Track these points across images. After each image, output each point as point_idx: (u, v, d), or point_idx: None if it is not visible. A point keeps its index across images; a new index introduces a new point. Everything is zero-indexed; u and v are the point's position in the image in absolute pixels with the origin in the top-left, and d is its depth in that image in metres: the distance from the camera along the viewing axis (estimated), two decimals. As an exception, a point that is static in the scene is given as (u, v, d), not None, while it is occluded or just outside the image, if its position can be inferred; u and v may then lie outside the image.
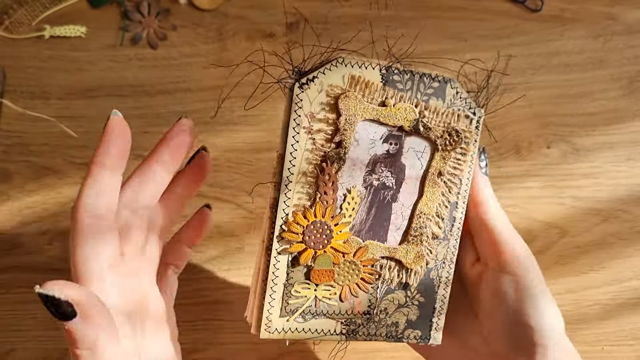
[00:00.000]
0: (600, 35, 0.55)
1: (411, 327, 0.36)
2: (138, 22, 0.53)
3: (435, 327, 0.37)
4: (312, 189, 0.33)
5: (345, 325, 0.35)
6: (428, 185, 0.35)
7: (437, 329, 0.37)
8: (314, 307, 0.34)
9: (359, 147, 0.33)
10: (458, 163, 0.35)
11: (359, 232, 0.34)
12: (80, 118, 0.52)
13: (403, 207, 0.35)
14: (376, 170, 0.34)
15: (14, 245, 0.49)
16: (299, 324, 0.34)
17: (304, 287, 0.34)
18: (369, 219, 0.34)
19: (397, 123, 0.33)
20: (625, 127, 0.54)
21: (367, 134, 0.33)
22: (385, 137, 0.34)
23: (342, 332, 0.35)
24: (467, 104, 0.35)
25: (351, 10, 0.54)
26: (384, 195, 0.35)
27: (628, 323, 0.50)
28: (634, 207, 0.52)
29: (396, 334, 0.36)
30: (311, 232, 0.33)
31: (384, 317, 0.36)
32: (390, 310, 0.36)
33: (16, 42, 0.53)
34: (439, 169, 0.35)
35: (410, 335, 0.37)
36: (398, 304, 0.36)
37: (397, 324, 0.36)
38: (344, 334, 0.35)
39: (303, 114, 0.32)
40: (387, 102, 0.33)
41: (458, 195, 0.36)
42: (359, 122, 0.33)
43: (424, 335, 0.37)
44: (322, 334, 0.35)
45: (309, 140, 0.32)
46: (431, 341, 0.37)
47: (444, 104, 0.34)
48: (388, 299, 0.36)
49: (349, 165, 0.33)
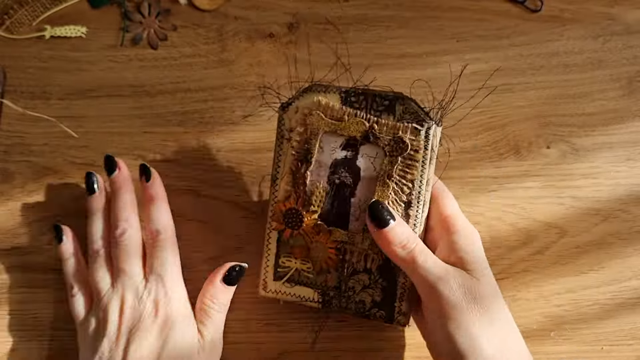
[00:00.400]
0: (599, 36, 0.55)
1: (376, 306, 0.44)
2: (138, 22, 0.54)
3: (398, 311, 0.44)
4: (289, 185, 0.43)
5: (321, 295, 0.44)
6: (379, 185, 0.42)
7: (400, 313, 0.44)
8: (296, 276, 0.44)
9: (323, 153, 0.43)
10: (408, 167, 0.42)
11: (325, 220, 0.43)
12: (81, 118, 0.52)
13: (360, 202, 0.43)
14: (337, 171, 0.43)
15: (15, 245, 0.49)
16: (287, 289, 0.45)
17: (287, 259, 0.44)
18: (333, 210, 0.44)
19: (351, 134, 0.42)
20: (624, 127, 0.54)
21: (329, 143, 0.43)
22: (344, 145, 0.43)
23: (319, 301, 0.44)
24: (415, 118, 0.42)
25: (351, 10, 0.55)
26: (344, 192, 0.44)
27: (627, 323, 0.51)
28: (633, 207, 0.52)
29: (364, 311, 0.44)
30: (288, 217, 0.43)
31: (352, 294, 0.44)
32: (357, 289, 0.44)
33: (17, 42, 0.53)
34: (388, 171, 0.42)
35: (377, 314, 0.44)
36: (363, 284, 0.44)
37: (364, 302, 0.44)
38: (320, 302, 0.44)
39: (285, 129, 0.44)
40: (343, 118, 0.42)
41: (411, 196, 0.42)
42: (321, 133, 0.43)
43: (389, 317, 0.44)
44: (304, 300, 0.45)
45: (290, 148, 0.43)
46: (395, 323, 0.44)
47: (394, 118, 0.42)
48: (354, 279, 0.44)
49: (316, 167, 0.43)
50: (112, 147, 0.51)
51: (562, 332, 0.50)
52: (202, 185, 0.51)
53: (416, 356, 0.50)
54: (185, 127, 0.52)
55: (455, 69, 0.54)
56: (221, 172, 0.51)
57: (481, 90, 0.54)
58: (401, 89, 0.52)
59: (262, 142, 0.52)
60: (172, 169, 0.51)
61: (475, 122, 0.53)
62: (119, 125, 0.52)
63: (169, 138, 0.52)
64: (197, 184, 0.51)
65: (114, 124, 0.52)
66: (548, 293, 0.51)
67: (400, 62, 0.54)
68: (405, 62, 0.54)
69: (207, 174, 0.51)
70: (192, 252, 0.50)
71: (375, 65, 0.53)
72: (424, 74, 0.53)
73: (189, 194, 0.51)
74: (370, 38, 0.54)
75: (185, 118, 0.52)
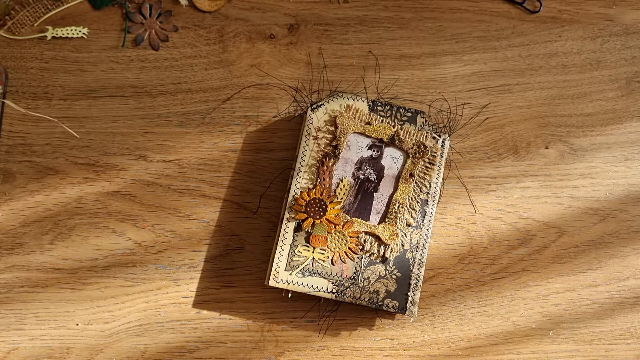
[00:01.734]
0: (598, 37, 0.56)
1: (390, 297, 0.46)
2: (140, 23, 0.54)
3: (411, 301, 0.46)
4: (314, 176, 0.47)
5: (335, 285, 0.46)
6: (402, 182, 0.48)
7: (413, 303, 0.46)
8: (311, 266, 0.46)
9: (350, 150, 0.48)
10: (427, 169, 0.48)
11: (347, 211, 0.47)
12: (83, 118, 0.52)
13: (382, 197, 0.48)
14: (362, 168, 0.48)
15: (16, 245, 0.50)
16: (299, 279, 0.46)
17: (305, 248, 0.46)
18: (356, 203, 0.48)
19: (379, 136, 0.48)
20: (622, 127, 0.54)
21: (357, 142, 0.48)
22: (370, 145, 0.49)
23: (332, 291, 0.46)
24: (433, 129, 0.49)
25: (351, 11, 0.55)
26: (367, 187, 0.48)
27: (625, 322, 0.51)
28: (631, 207, 0.52)
29: (377, 301, 0.46)
30: (311, 206, 0.46)
31: (367, 285, 0.46)
32: (373, 279, 0.46)
33: (19, 43, 0.53)
34: (410, 170, 0.48)
35: (390, 305, 0.46)
36: (379, 275, 0.46)
37: (378, 292, 0.46)
38: (334, 292, 0.46)
39: (312, 127, 0.49)
40: (371, 122, 0.49)
41: (428, 194, 0.48)
42: (350, 133, 0.48)
43: (401, 306, 0.46)
44: (317, 290, 0.46)
45: (315, 144, 0.48)
46: (407, 312, 0.46)
47: (416, 128, 0.49)
48: (370, 269, 0.46)
49: (342, 162, 0.48)
50: (114, 147, 0.51)
51: (561, 331, 0.50)
52: (202, 185, 0.51)
53: (416, 355, 0.50)
54: (186, 127, 0.52)
55: (454, 69, 0.54)
56: (221, 172, 0.52)
57: (480, 91, 0.54)
58: (401, 89, 0.52)
59: (262, 142, 0.52)
60: (172, 169, 0.51)
61: (474, 123, 0.53)
62: (120, 125, 0.52)
63: (170, 138, 0.52)
64: (197, 184, 0.51)
65: (116, 124, 0.52)
66: (546, 292, 0.51)
67: (400, 62, 0.54)
68: (404, 62, 0.54)
69: (208, 174, 0.51)
70: (193, 252, 0.50)
71: (375, 65, 0.54)
72: (424, 75, 0.54)
73: (189, 194, 0.51)
74: (370, 39, 0.54)
75: (186, 118, 0.52)
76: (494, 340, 0.50)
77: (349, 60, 0.54)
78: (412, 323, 0.50)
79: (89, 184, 0.51)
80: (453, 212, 0.52)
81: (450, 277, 0.51)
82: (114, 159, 0.51)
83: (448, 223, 0.51)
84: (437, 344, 0.50)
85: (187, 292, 0.49)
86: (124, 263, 0.50)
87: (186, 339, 0.49)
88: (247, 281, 0.49)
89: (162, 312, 0.49)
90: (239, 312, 0.49)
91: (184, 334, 0.49)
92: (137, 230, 0.50)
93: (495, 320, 0.50)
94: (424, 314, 0.50)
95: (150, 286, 0.49)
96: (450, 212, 0.52)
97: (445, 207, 0.52)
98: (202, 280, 0.50)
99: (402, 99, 0.53)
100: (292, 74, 0.53)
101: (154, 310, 0.49)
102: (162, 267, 0.50)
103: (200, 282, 0.49)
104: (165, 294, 0.49)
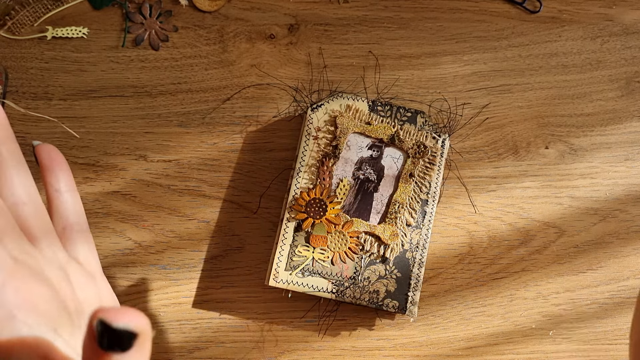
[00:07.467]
0: (598, 36, 0.56)
1: (390, 297, 0.46)
2: (140, 23, 0.54)
3: (411, 301, 0.46)
4: (314, 176, 0.47)
5: (335, 285, 0.46)
6: (402, 182, 0.48)
7: (413, 303, 0.47)
8: (311, 266, 0.46)
9: (350, 150, 0.48)
10: (427, 169, 0.48)
11: (347, 211, 0.47)
12: (83, 119, 0.52)
13: (382, 197, 0.48)
14: (362, 168, 0.48)
15: (17, 245, 0.50)
16: (299, 279, 0.46)
17: (305, 248, 0.46)
18: (356, 203, 0.48)
19: (379, 136, 0.48)
20: (622, 127, 0.54)
21: (357, 142, 0.48)
22: (370, 145, 0.48)
23: (332, 291, 0.46)
24: (433, 129, 0.49)
25: (351, 11, 0.55)
26: (367, 187, 0.48)
27: (626, 322, 0.51)
28: (631, 207, 0.53)
29: (377, 301, 0.46)
30: (311, 206, 0.46)
31: (367, 285, 0.46)
32: (373, 279, 0.46)
33: (18, 43, 0.53)
34: (410, 171, 0.48)
35: (389, 305, 0.46)
36: (379, 275, 0.46)
37: (378, 292, 0.46)
38: (334, 292, 0.46)
39: (312, 127, 0.48)
40: (371, 122, 0.48)
41: (428, 194, 0.48)
42: (350, 133, 0.48)
43: (401, 306, 0.46)
44: (317, 290, 0.46)
45: (315, 144, 0.48)
46: (407, 312, 0.46)
47: (416, 128, 0.49)
48: (370, 269, 0.46)
49: (342, 162, 0.48)
50: (114, 147, 0.51)
51: (561, 331, 0.50)
52: (202, 185, 0.51)
53: (416, 355, 0.50)
54: (187, 127, 0.52)
55: (454, 69, 0.54)
56: (221, 172, 0.52)
57: (480, 91, 0.54)
58: (401, 89, 0.52)
59: (262, 142, 0.52)
60: (172, 169, 0.51)
61: (474, 123, 0.53)
62: (120, 125, 0.52)
63: (170, 138, 0.52)
64: (197, 184, 0.51)
65: (116, 124, 0.52)
66: (546, 292, 0.51)
67: (400, 62, 0.54)
68: (404, 62, 0.54)
69: (208, 174, 0.52)
70: (193, 252, 0.50)
71: (375, 66, 0.54)
72: (424, 75, 0.54)
73: (189, 194, 0.51)
74: (370, 39, 0.54)
75: (186, 118, 0.52)
76: (494, 340, 0.50)
77: (349, 60, 0.54)
78: (412, 323, 0.50)
79: (89, 184, 0.51)
80: (453, 212, 0.52)
81: (450, 277, 0.51)
82: (114, 159, 0.51)
83: (448, 223, 0.52)
84: (437, 344, 0.50)
85: (187, 292, 0.49)
86: (124, 263, 0.50)
87: (186, 339, 0.49)
88: (247, 281, 0.49)
89: (162, 312, 0.49)
90: (239, 312, 0.49)
91: (184, 334, 0.49)
92: (137, 230, 0.50)
93: (495, 320, 0.50)
94: (424, 314, 0.50)
95: (150, 286, 0.49)
96: (450, 212, 0.52)
97: (445, 207, 0.52)
98: (202, 280, 0.50)
99: (402, 99, 0.53)
100: (292, 74, 0.53)
101: (153, 310, 0.49)
102: (162, 267, 0.50)
103: (200, 282, 0.49)
104: (165, 294, 0.49)
